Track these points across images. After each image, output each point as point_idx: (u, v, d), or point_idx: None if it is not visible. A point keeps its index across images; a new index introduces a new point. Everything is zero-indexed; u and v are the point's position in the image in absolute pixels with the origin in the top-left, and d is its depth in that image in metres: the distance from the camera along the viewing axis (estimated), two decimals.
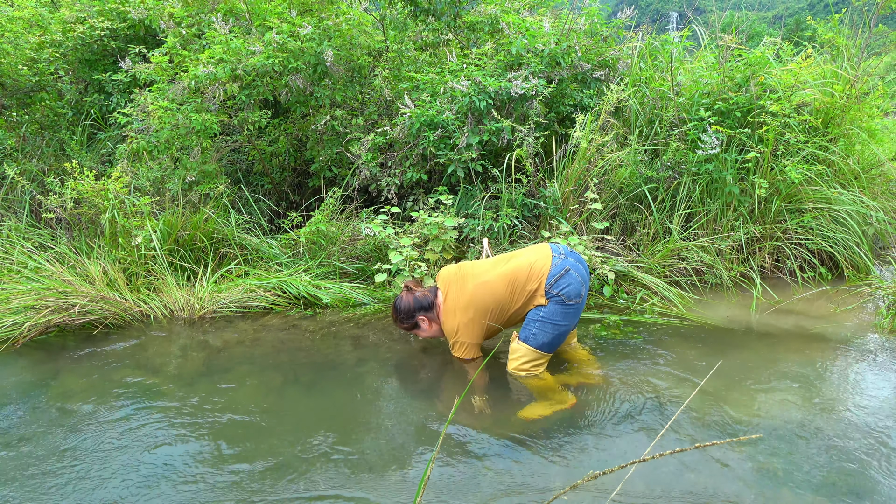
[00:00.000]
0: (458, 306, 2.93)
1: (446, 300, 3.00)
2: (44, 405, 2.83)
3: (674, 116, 4.75)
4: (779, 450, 2.38)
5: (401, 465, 2.31)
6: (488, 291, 2.90)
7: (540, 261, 2.90)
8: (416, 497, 1.24)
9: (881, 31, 5.42)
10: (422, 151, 4.73)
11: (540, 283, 2.85)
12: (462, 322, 2.92)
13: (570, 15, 5.15)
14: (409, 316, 3.08)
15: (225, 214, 4.71)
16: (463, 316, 2.92)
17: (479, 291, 2.90)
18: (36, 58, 5.25)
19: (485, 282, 2.92)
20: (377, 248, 4.54)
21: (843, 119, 4.78)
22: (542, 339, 2.87)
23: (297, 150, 5.56)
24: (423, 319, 3.08)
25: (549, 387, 2.91)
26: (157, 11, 5.26)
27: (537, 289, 2.86)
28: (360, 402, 2.85)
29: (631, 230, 4.73)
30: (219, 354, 3.43)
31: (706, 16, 7.51)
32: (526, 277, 2.88)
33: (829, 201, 4.59)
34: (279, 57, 4.57)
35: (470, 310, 2.90)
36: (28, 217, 4.91)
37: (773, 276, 4.60)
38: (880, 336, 3.55)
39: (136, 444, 2.48)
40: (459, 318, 2.93)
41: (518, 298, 2.90)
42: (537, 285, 2.86)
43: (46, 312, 3.66)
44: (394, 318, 3.17)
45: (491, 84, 4.44)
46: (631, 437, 2.49)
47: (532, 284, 2.87)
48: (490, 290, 2.90)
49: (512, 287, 2.89)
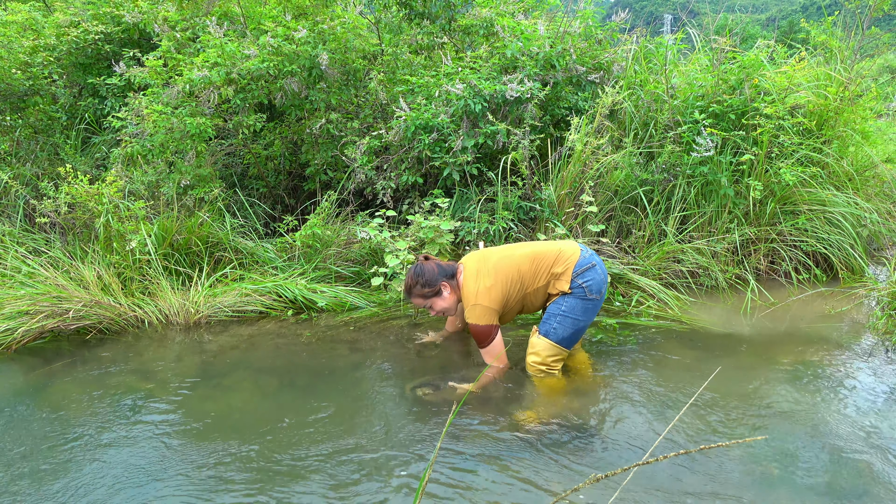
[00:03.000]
0: (481, 272, 2.91)
1: (466, 269, 2.98)
2: (37, 411, 2.81)
3: (668, 119, 4.76)
4: (776, 452, 2.38)
5: (399, 470, 2.30)
6: (512, 264, 2.91)
7: (569, 250, 2.94)
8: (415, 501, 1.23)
9: (874, 33, 5.44)
10: (417, 154, 4.73)
11: (567, 269, 2.88)
12: (484, 285, 2.87)
13: (565, 18, 5.16)
14: (434, 282, 2.98)
15: (220, 218, 4.70)
16: (486, 280, 2.88)
17: (503, 263, 2.92)
18: (30, 62, 5.23)
19: (509, 255, 2.95)
20: (373, 252, 4.53)
21: (836, 121, 4.81)
22: (563, 333, 2.89)
23: (292, 154, 5.55)
24: (445, 286, 3.00)
25: (557, 388, 2.90)
26: (151, 15, 5.25)
27: (563, 273, 2.88)
28: (357, 407, 2.84)
29: (626, 233, 4.73)
30: (214, 359, 3.41)
31: (700, 18, 7.54)
32: (553, 259, 2.91)
33: (824, 203, 4.61)
34: (274, 60, 4.57)
35: (492, 275, 2.88)
36: (22, 222, 4.89)
37: (768, 277, 4.61)
38: (875, 337, 3.56)
39: (131, 451, 2.46)
40: (481, 282, 2.88)
41: (540, 277, 2.91)
42: (563, 269, 2.88)
43: (40, 318, 3.65)
44: (410, 287, 3.02)
45: (486, 87, 4.44)
46: (631, 440, 2.49)
47: (558, 268, 2.89)
48: (514, 263, 2.91)
49: (536, 264, 2.91)
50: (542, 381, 2.96)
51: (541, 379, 2.96)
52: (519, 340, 3.46)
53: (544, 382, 2.95)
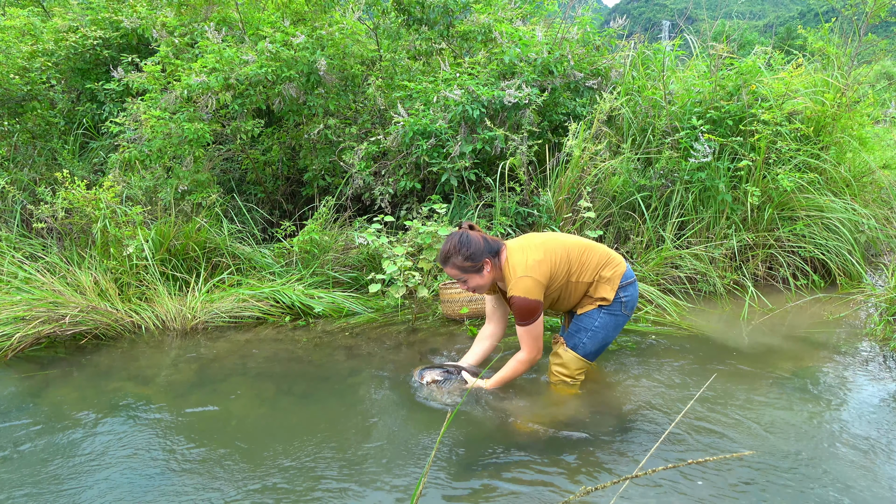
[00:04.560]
0: (527, 247, 2.73)
1: (509, 246, 2.79)
2: (33, 418, 2.79)
3: (666, 125, 4.76)
4: (772, 460, 2.37)
5: (394, 477, 2.29)
6: (562, 246, 2.77)
7: (617, 257, 2.84)
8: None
9: (870, 39, 5.47)
10: (415, 160, 4.73)
11: (615, 276, 2.78)
12: (534, 258, 2.67)
13: (563, 24, 5.18)
14: (479, 256, 2.71)
15: (217, 223, 4.69)
16: (535, 254, 2.69)
17: (551, 244, 2.77)
18: (28, 67, 5.23)
19: (556, 238, 2.81)
20: (371, 258, 4.53)
21: (834, 127, 4.82)
22: (591, 347, 2.84)
23: (290, 159, 5.55)
24: (487, 262, 2.73)
25: (563, 396, 2.89)
26: (150, 21, 5.25)
27: (610, 279, 2.77)
28: (354, 413, 2.83)
29: (624, 238, 4.74)
30: (211, 365, 3.40)
31: (698, 25, 7.56)
32: (604, 261, 2.79)
33: (821, 209, 4.61)
34: (272, 66, 4.57)
35: (541, 251, 2.71)
36: (19, 227, 4.87)
37: (766, 283, 4.61)
38: (873, 343, 3.55)
39: (127, 457, 2.45)
40: (530, 255, 2.68)
41: (587, 272, 2.77)
42: (611, 275, 2.77)
43: (37, 323, 3.63)
44: (449, 255, 2.73)
45: (484, 93, 4.45)
46: (625, 449, 2.48)
47: (607, 271, 2.78)
48: (564, 247, 2.77)
49: (587, 256, 2.78)
50: (557, 388, 2.95)
51: (558, 387, 2.94)
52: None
53: (558, 389, 2.94)
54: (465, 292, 3.93)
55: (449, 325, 3.98)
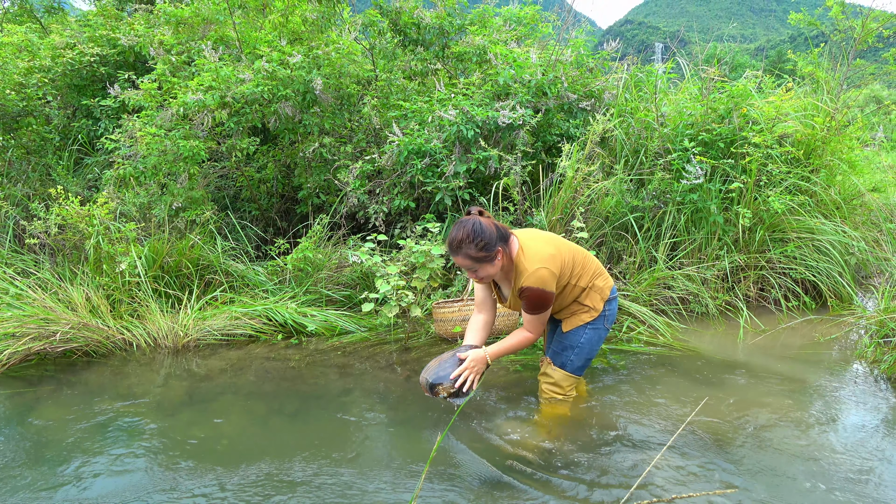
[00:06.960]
0: (539, 238, 2.70)
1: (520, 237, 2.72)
2: (22, 436, 2.76)
3: (659, 146, 4.81)
4: (763, 483, 2.37)
5: (386, 496, 2.27)
6: (566, 245, 2.76)
7: (606, 272, 2.89)
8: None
9: (859, 64, 5.56)
10: (409, 179, 4.76)
11: (606, 287, 2.81)
12: (548, 252, 2.63)
13: (557, 46, 5.24)
14: (493, 245, 2.59)
15: (211, 241, 4.69)
16: (548, 247, 2.65)
17: (559, 241, 2.75)
18: (24, 83, 5.25)
19: (560, 237, 2.82)
20: (364, 276, 4.53)
21: (823, 150, 4.88)
22: (578, 363, 2.87)
23: (284, 177, 5.57)
24: (500, 251, 2.62)
25: (558, 417, 2.89)
26: (147, 38, 5.30)
27: (603, 289, 2.80)
28: (346, 432, 2.81)
29: (617, 259, 4.76)
30: (202, 383, 3.38)
31: (690, 47, 7.67)
32: (600, 270, 2.83)
33: (812, 231, 4.65)
34: (268, 85, 4.60)
35: (552, 245, 2.69)
36: (11, 242, 4.86)
37: (757, 305, 4.63)
38: (864, 365, 3.57)
39: (117, 477, 2.42)
40: (543, 248, 2.64)
41: (584, 275, 2.76)
42: (604, 285, 2.80)
43: (27, 340, 3.61)
44: (461, 244, 2.57)
45: (478, 113, 4.49)
46: (613, 476, 2.48)
47: (600, 281, 2.80)
48: (567, 245, 2.77)
49: (587, 261, 2.79)
50: (550, 405, 2.95)
51: (550, 404, 2.95)
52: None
53: (551, 406, 2.94)
54: (459, 311, 3.94)
55: (442, 344, 3.98)
